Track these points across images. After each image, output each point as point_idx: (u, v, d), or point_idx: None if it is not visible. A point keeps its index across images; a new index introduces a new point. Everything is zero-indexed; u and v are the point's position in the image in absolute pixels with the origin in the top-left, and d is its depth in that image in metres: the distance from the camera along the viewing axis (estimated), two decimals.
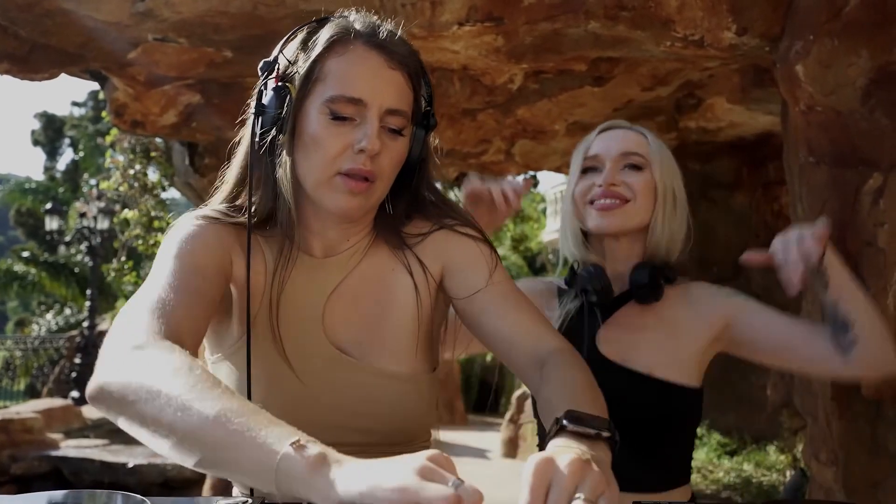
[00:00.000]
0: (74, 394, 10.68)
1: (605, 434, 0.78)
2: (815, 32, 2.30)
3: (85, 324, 11.98)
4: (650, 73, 3.12)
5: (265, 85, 1.00)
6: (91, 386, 0.82)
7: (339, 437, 0.95)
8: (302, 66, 0.99)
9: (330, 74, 0.98)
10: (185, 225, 1.02)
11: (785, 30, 2.41)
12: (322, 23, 1.02)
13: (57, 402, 9.49)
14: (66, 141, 30.52)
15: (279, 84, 0.99)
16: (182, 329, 0.88)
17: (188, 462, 0.74)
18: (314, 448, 0.65)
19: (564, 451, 0.70)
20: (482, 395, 10.80)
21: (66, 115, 32.09)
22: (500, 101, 3.34)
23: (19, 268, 18.45)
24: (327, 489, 0.62)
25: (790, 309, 1.42)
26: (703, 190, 4.74)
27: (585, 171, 1.42)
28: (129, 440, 8.51)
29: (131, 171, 4.82)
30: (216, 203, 1.09)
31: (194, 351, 0.90)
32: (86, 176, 20.83)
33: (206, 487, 4.81)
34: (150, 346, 0.81)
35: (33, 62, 2.70)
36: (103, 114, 4.15)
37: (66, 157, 31.28)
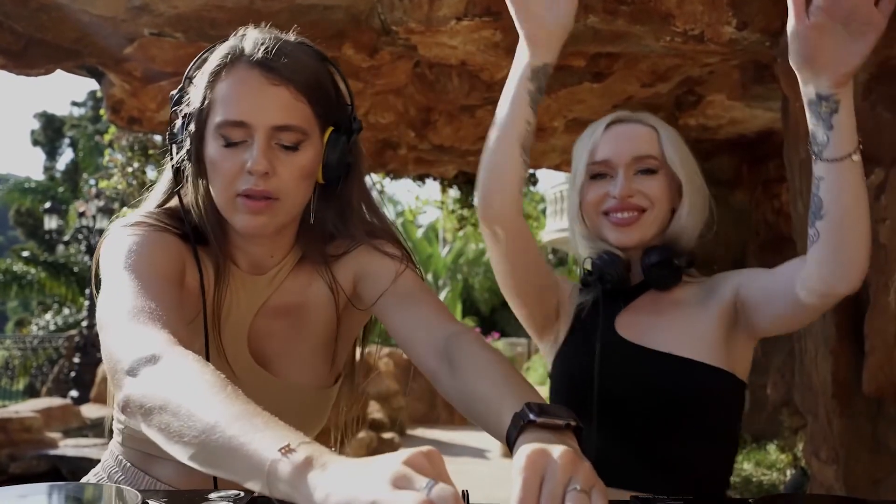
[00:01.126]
0: (73, 393, 10.68)
1: (573, 423, 0.76)
2: None
3: (84, 323, 11.97)
4: (649, 70, 3.11)
5: (175, 114, 1.02)
6: (119, 398, 0.84)
7: None
8: (196, 95, 1.00)
9: (217, 100, 0.98)
10: (128, 234, 1.01)
11: (785, 24, 2.39)
12: (222, 44, 1.03)
13: (56, 401, 9.47)
14: (66, 141, 30.54)
15: (184, 115, 1.01)
16: (180, 335, 0.89)
17: (200, 468, 0.75)
18: (301, 452, 0.65)
19: (552, 444, 0.68)
20: None
21: (66, 114, 32.12)
22: (498, 96, 3.32)
23: (19, 268, 18.45)
24: (309, 495, 0.62)
25: None
26: None
27: (594, 176, 1.34)
28: None
29: (130, 169, 4.81)
30: (148, 209, 1.09)
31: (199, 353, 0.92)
32: (85, 175, 20.85)
33: None
34: (166, 355, 0.82)
35: (29, 57, 2.69)
36: (101, 112, 4.15)
37: (66, 156, 31.29)
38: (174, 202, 1.08)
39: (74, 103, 33.26)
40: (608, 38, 2.57)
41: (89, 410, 9.44)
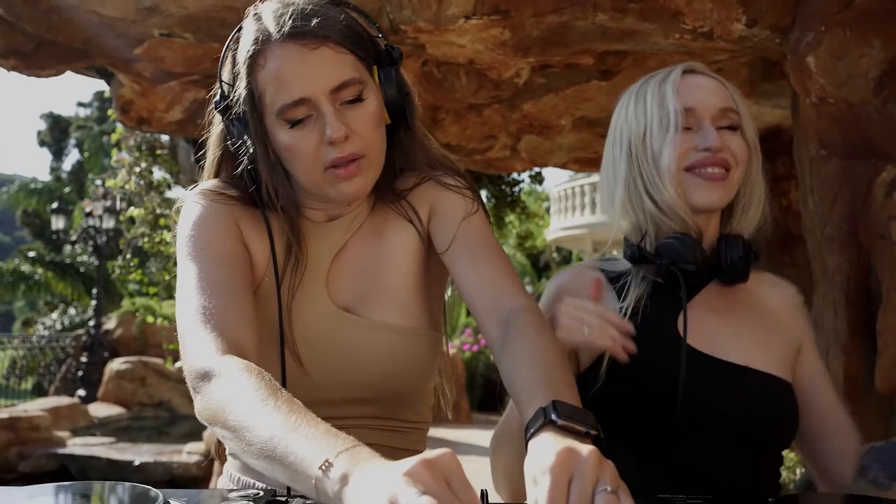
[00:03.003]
0: (81, 392, 10.71)
1: (593, 433, 0.75)
2: (826, 23, 2.28)
3: (91, 323, 12.01)
4: (658, 67, 3.07)
5: (230, 123, 1.00)
6: (196, 409, 0.88)
7: (343, 393, 1.02)
8: (241, 94, 0.98)
9: (266, 89, 0.97)
10: (192, 210, 1.02)
11: (795, 21, 2.39)
12: (241, 33, 1.01)
13: (64, 400, 9.51)
14: (72, 141, 30.64)
15: (237, 117, 0.99)
16: (236, 332, 0.91)
17: (273, 478, 0.77)
18: (338, 467, 0.66)
19: (576, 444, 0.68)
20: (487, 393, 10.80)
21: (72, 115, 32.24)
22: (506, 95, 3.32)
23: (26, 268, 18.53)
24: None
25: None
26: None
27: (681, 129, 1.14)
28: (134, 438, 8.54)
29: (137, 169, 4.83)
30: (210, 178, 1.09)
31: (255, 343, 0.93)
32: (91, 176, 20.91)
33: (214, 483, 4.82)
34: (215, 371, 0.85)
35: (39, 58, 2.71)
36: (109, 112, 4.15)
37: (72, 157, 31.41)
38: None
39: (80, 104, 33.41)
40: (617, 36, 2.56)
41: (97, 409, 9.47)
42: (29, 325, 22.11)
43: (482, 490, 0.73)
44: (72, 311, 19.43)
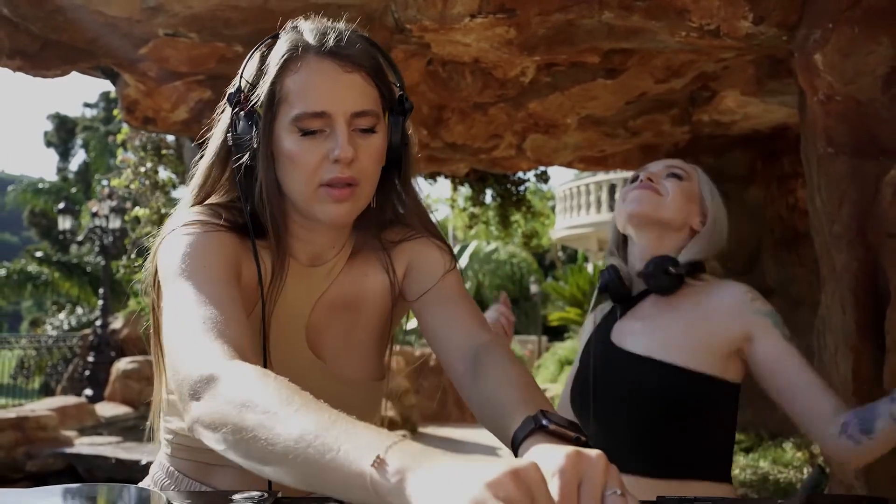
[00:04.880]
0: (88, 392, 10.74)
1: (583, 438, 0.77)
2: (834, 20, 2.27)
3: (97, 322, 12.04)
4: (664, 65, 3.09)
5: (237, 115, 1.01)
6: (187, 421, 0.83)
7: None
8: (262, 90, 0.99)
9: (290, 93, 0.98)
10: (186, 237, 1.00)
11: (803, 18, 2.37)
12: (275, 40, 1.03)
13: (71, 399, 9.55)
14: (79, 142, 30.74)
15: (247, 112, 1.00)
16: (240, 340, 0.89)
17: (292, 484, 0.74)
18: (393, 463, 0.63)
19: (584, 448, 0.68)
20: None
21: (79, 116, 32.35)
22: (511, 94, 3.32)
23: (33, 268, 18.61)
24: None
25: (805, 303, 1.43)
26: (717, 184, 4.68)
27: (632, 181, 1.54)
28: (141, 437, 8.56)
29: (142, 169, 4.84)
30: (192, 203, 1.08)
31: (257, 360, 0.90)
32: (97, 176, 20.98)
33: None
34: (225, 374, 0.81)
35: (44, 59, 2.71)
36: (115, 112, 4.17)
37: (79, 157, 31.50)
38: (225, 196, 1.07)
39: (87, 105, 33.52)
40: (623, 35, 2.55)
41: (104, 409, 9.50)
42: (37, 325, 22.22)
43: None
44: (79, 310, 19.50)
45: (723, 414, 1.42)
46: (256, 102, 1.00)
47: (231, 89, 1.04)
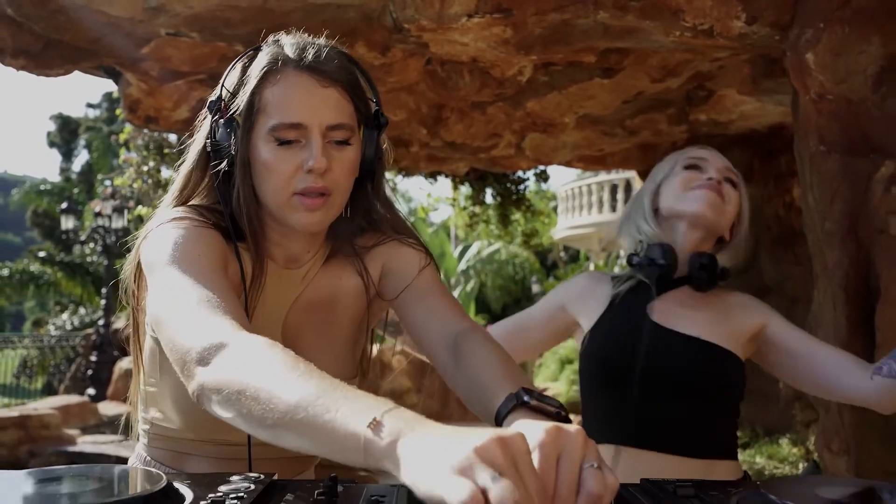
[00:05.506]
0: (90, 391, 10.79)
1: (564, 413, 0.80)
2: (825, 20, 2.30)
3: (100, 322, 12.09)
4: (660, 65, 3.12)
5: (217, 122, 1.06)
6: (193, 388, 0.86)
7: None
8: (242, 100, 1.04)
9: (269, 104, 1.03)
10: (172, 228, 1.04)
11: (795, 18, 2.40)
12: (256, 52, 1.07)
13: (73, 398, 9.59)
14: (82, 142, 30.80)
15: (227, 120, 1.05)
16: (243, 321, 0.92)
17: (288, 446, 0.78)
18: (388, 425, 0.66)
19: (563, 424, 0.71)
20: None
21: (81, 116, 32.41)
22: (509, 93, 3.35)
23: (35, 268, 18.65)
24: (398, 469, 0.64)
25: (801, 301, 1.50)
26: None
27: (689, 167, 1.54)
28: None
29: (145, 168, 4.88)
30: (170, 205, 1.12)
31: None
32: (100, 176, 21.03)
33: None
34: (235, 341, 0.85)
35: (47, 58, 2.75)
36: (118, 111, 4.20)
37: (82, 158, 31.56)
38: (205, 200, 1.11)
39: (90, 105, 33.59)
40: (618, 34, 2.58)
41: (106, 408, 9.54)
42: (40, 325, 22.25)
43: None
44: (82, 310, 19.54)
45: (740, 396, 1.51)
46: (236, 111, 1.05)
47: (212, 97, 1.09)
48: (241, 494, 0.81)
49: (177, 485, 0.84)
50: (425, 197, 10.57)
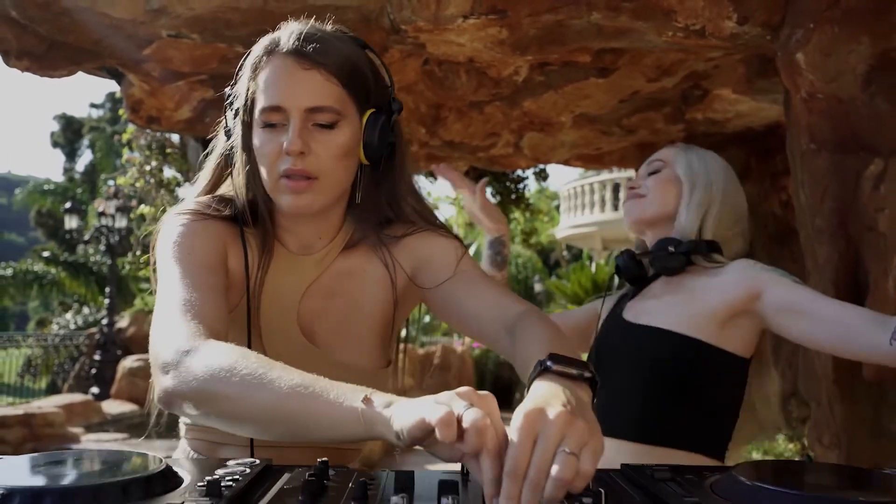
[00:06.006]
0: (94, 390, 10.85)
1: (587, 375, 0.82)
2: (815, 20, 2.33)
3: (104, 321, 12.15)
4: (654, 64, 3.15)
5: (226, 114, 1.13)
6: (159, 393, 0.91)
7: None
8: (240, 90, 1.09)
9: (258, 91, 1.07)
10: (176, 224, 1.09)
11: (785, 18, 2.43)
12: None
13: (77, 397, 9.66)
14: (85, 142, 30.88)
15: (234, 112, 1.11)
16: (216, 324, 0.96)
17: (271, 437, 0.85)
18: (378, 399, 0.77)
19: (552, 401, 0.73)
20: (496, 390, 10.88)
21: (85, 116, 32.49)
22: (506, 93, 3.38)
23: (39, 268, 18.71)
24: (390, 429, 0.74)
25: None
26: None
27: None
28: (149, 434, 8.65)
29: (147, 168, 4.94)
30: (197, 196, 1.17)
31: (239, 341, 0.98)
32: (103, 176, 21.09)
33: None
34: (201, 347, 0.89)
35: (51, 59, 2.79)
36: (121, 111, 4.25)
37: (85, 158, 31.66)
38: (225, 187, 1.16)
39: (93, 105, 33.66)
40: (612, 34, 2.61)
41: (110, 406, 9.60)
42: (43, 325, 22.31)
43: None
44: (85, 310, 19.61)
45: (725, 387, 1.48)
46: (241, 102, 1.10)
47: (227, 88, 1.14)
48: (237, 477, 0.85)
49: (176, 468, 0.88)
50: (426, 196, 10.57)
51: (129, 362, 10.25)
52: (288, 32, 1.09)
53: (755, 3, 2.42)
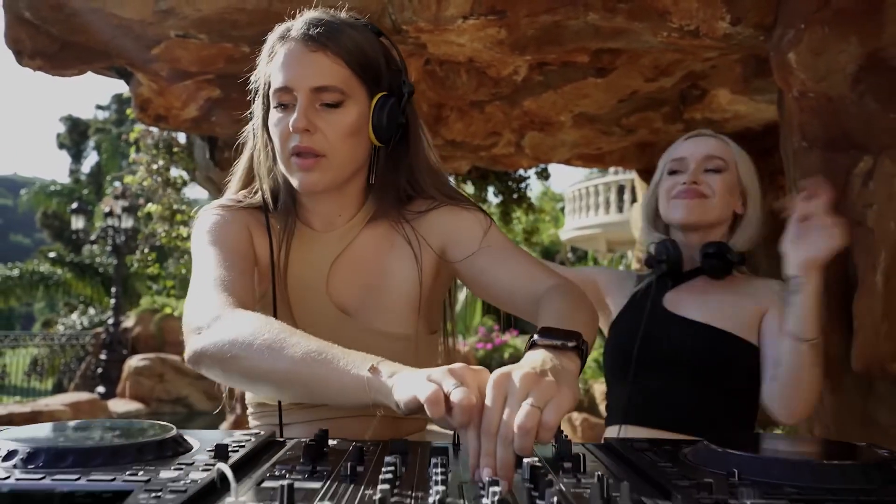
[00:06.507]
0: (100, 389, 10.92)
1: (570, 344, 0.88)
2: (806, 21, 2.38)
3: (110, 321, 12.23)
4: (652, 64, 3.21)
5: (251, 103, 1.19)
6: (189, 353, 0.99)
7: None
8: (259, 77, 1.17)
9: (271, 76, 1.14)
10: (209, 216, 1.18)
11: (777, 19, 2.48)
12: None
13: (84, 395, 9.74)
14: (91, 144, 30.97)
15: (254, 96, 1.18)
16: (245, 298, 1.05)
17: (287, 399, 0.94)
18: (384, 369, 0.83)
19: (522, 365, 0.81)
20: None
21: (91, 118, 32.59)
22: (506, 92, 3.44)
23: (45, 268, 18.78)
24: (391, 397, 0.80)
25: None
26: None
27: (672, 172, 1.63)
28: None
29: (154, 167, 5.02)
30: (231, 193, 1.25)
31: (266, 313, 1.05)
32: (109, 177, 21.19)
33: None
34: (229, 314, 0.97)
35: (63, 59, 2.86)
36: (128, 112, 4.33)
37: (91, 159, 31.78)
38: (255, 182, 1.23)
39: (99, 107, 33.77)
40: (609, 35, 2.67)
41: (116, 405, 9.68)
42: (49, 325, 22.38)
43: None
44: (91, 311, 19.69)
45: (756, 380, 1.53)
46: (258, 86, 1.18)
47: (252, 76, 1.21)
48: (242, 444, 0.92)
49: (186, 436, 0.95)
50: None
51: (134, 361, 10.33)
52: (300, 20, 1.15)
53: (748, 4, 2.48)
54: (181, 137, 4.97)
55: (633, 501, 0.66)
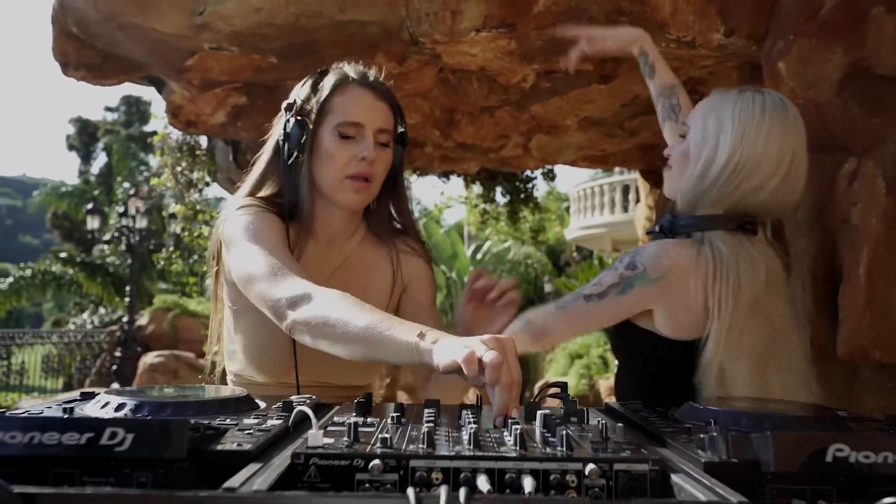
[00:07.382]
0: (115, 385, 11.10)
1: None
2: (794, 32, 2.55)
3: (124, 319, 12.38)
4: None
5: (288, 120, 1.38)
6: (288, 324, 1.20)
7: (322, 377, 1.43)
8: (315, 105, 1.37)
9: (336, 108, 1.37)
10: (247, 213, 1.36)
11: (769, 30, 2.66)
12: (324, 73, 1.41)
13: (100, 391, 9.88)
14: (100, 145, 31.12)
15: (298, 119, 1.37)
16: (311, 279, 1.25)
17: (357, 358, 1.14)
18: (429, 335, 1.03)
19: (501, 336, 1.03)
20: None
21: (100, 120, 32.74)
22: (515, 98, 3.61)
23: (56, 269, 18.85)
24: (433, 358, 1.00)
25: None
26: None
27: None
28: None
29: (178, 169, 5.23)
30: (245, 194, 1.44)
31: None
32: (121, 180, 21.38)
33: None
34: (314, 293, 1.19)
35: (104, 70, 3.06)
36: (149, 114, 4.50)
37: (100, 161, 31.98)
38: (267, 190, 1.43)
39: (108, 108, 33.97)
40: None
41: None
42: (59, 325, 22.48)
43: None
44: (101, 310, 19.81)
45: None
46: (310, 112, 1.37)
47: (286, 102, 1.41)
48: (304, 401, 1.10)
49: (253, 397, 1.14)
50: (438, 195, 10.90)
51: (149, 358, 10.52)
52: (356, 72, 1.40)
53: (741, 16, 2.65)
54: (203, 141, 5.17)
55: (624, 438, 0.85)
